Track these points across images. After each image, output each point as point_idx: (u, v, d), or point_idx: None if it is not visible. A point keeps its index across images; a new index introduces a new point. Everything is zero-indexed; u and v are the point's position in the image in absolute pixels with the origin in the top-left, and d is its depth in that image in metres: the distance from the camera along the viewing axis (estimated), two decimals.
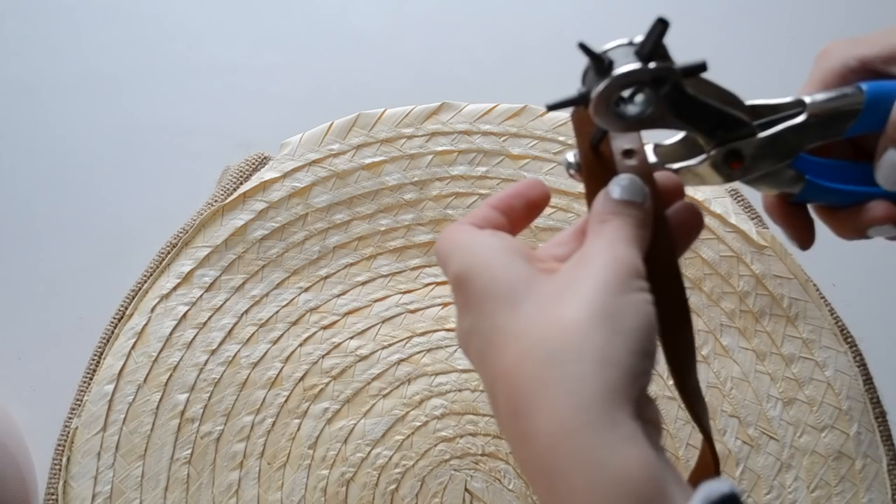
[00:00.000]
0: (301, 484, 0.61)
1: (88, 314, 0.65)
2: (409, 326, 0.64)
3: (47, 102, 0.85)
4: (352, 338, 0.64)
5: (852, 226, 0.51)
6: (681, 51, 0.83)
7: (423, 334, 0.64)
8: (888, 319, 0.82)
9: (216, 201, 0.65)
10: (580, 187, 0.64)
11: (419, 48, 0.89)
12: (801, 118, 0.43)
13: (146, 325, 0.63)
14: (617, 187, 0.41)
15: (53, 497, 0.59)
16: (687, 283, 0.64)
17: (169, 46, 0.88)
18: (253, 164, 0.66)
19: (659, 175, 0.43)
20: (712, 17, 0.89)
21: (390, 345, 0.64)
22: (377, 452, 0.62)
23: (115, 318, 0.63)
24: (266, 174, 0.65)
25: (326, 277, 0.65)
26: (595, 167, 0.42)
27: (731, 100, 0.43)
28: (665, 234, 0.44)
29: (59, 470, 0.60)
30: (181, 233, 0.64)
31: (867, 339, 0.61)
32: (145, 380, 0.62)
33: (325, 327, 0.64)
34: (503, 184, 0.66)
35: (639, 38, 0.39)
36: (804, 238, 0.53)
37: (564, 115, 0.68)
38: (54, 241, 0.78)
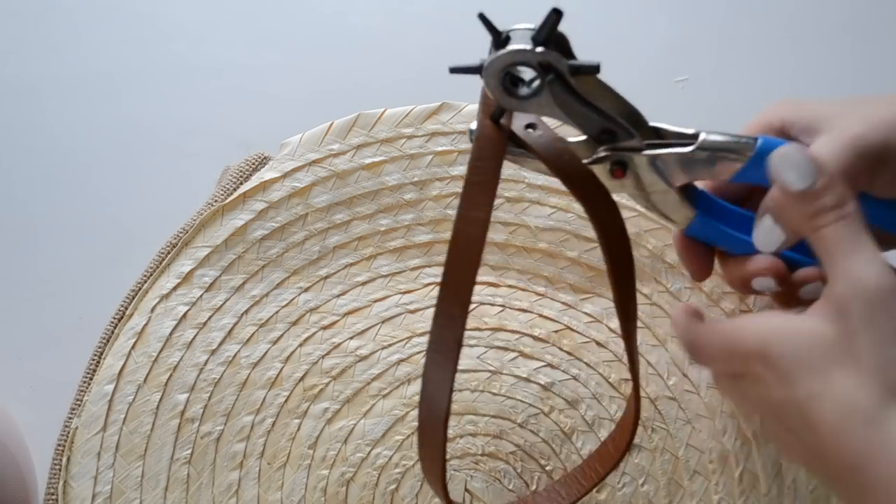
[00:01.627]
0: (301, 484, 0.63)
1: (88, 314, 0.66)
2: (409, 327, 0.66)
3: (46, 102, 0.87)
4: (352, 338, 0.66)
5: (739, 275, 0.53)
6: (681, 50, 0.86)
7: (423, 334, 0.65)
8: None
9: (216, 201, 0.67)
10: None
11: (419, 48, 0.90)
12: (688, 149, 0.45)
13: (146, 325, 0.64)
14: (791, 171, 0.43)
15: (53, 497, 0.61)
16: (686, 283, 0.66)
17: (168, 46, 0.90)
18: (253, 164, 0.68)
19: None
20: (712, 17, 0.91)
21: (390, 345, 0.65)
22: (377, 452, 0.63)
23: (114, 318, 0.65)
24: (266, 174, 0.67)
25: (326, 277, 0.67)
26: (490, 137, 0.47)
27: (629, 112, 0.46)
28: (605, 195, 0.48)
29: (59, 470, 0.61)
30: (181, 233, 0.66)
31: None
32: (145, 380, 0.63)
33: (325, 327, 0.66)
34: (503, 184, 0.68)
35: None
36: (697, 271, 0.55)
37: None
38: (54, 241, 0.80)
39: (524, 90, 0.44)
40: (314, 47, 0.90)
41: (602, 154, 0.48)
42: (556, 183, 0.68)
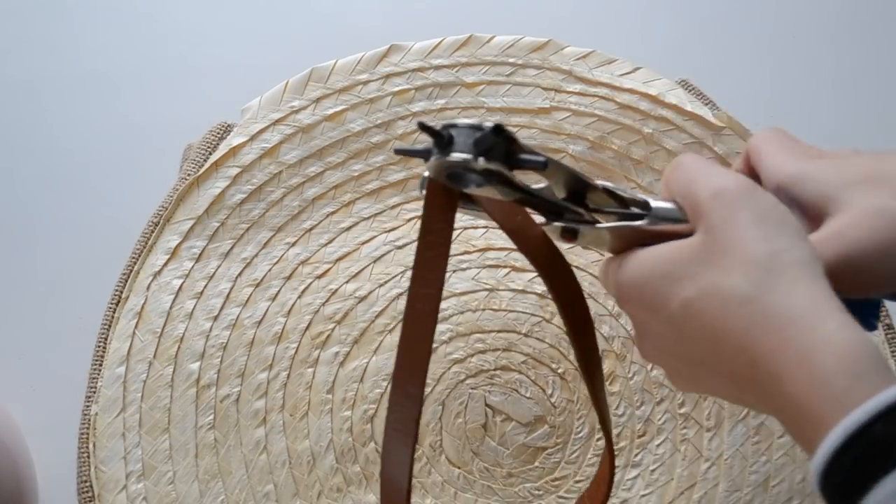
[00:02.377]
0: (327, 429, 0.64)
1: (88, 314, 0.67)
2: (401, 261, 0.68)
3: (46, 102, 0.87)
4: (347, 282, 0.67)
5: None
6: (681, 50, 0.89)
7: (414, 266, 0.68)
8: None
9: (189, 175, 0.68)
10: (538, 103, 0.69)
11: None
12: (641, 221, 0.47)
13: (144, 303, 0.65)
14: None
15: (87, 484, 0.62)
16: (656, 176, 0.70)
17: (169, 46, 0.90)
18: (218, 133, 0.70)
19: None
20: (712, 16, 0.94)
21: (386, 282, 0.67)
22: None
23: (112, 304, 0.65)
24: (234, 140, 0.69)
25: (311, 229, 0.68)
26: (440, 205, 0.47)
27: (580, 184, 0.47)
28: (560, 258, 0.50)
29: (87, 456, 0.62)
30: (161, 210, 0.67)
31: None
32: (154, 355, 0.64)
33: (318, 277, 0.67)
34: (464, 112, 0.70)
35: (488, 124, 0.43)
36: None
37: (511, 38, 0.72)
38: (54, 241, 0.80)
39: (470, 184, 0.44)
40: (314, 47, 0.91)
41: (552, 223, 0.49)
42: (514, 103, 0.71)
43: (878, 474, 0.34)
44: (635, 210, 0.47)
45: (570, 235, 0.49)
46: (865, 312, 0.46)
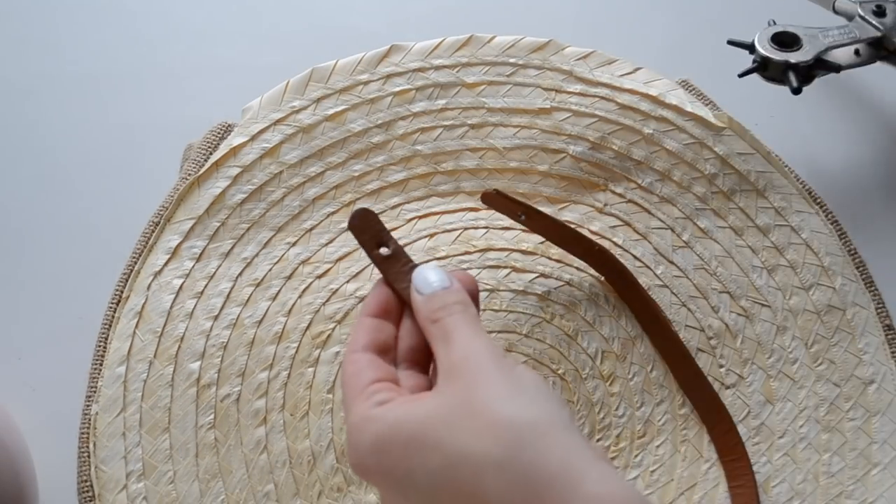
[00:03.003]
0: (327, 428, 0.65)
1: (88, 314, 0.67)
2: None
3: (46, 102, 0.87)
4: (348, 281, 0.68)
5: None
6: (681, 50, 0.89)
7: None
8: None
9: (190, 175, 0.69)
10: (539, 103, 0.70)
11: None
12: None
13: (144, 303, 0.66)
14: (424, 281, 0.49)
15: (87, 483, 0.62)
16: (657, 176, 0.70)
17: (169, 46, 0.91)
18: (218, 133, 0.70)
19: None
20: (712, 16, 0.94)
21: None
22: None
23: (112, 303, 0.66)
24: (234, 140, 0.69)
25: (311, 229, 0.69)
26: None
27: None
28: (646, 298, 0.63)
29: (88, 456, 0.62)
30: (161, 210, 0.68)
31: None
32: (155, 355, 0.65)
33: (319, 276, 0.68)
34: (464, 113, 0.71)
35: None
36: None
37: (511, 38, 0.73)
38: (54, 241, 0.80)
39: None
40: (314, 47, 0.91)
41: None
42: (515, 104, 0.71)
43: None
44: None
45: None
46: None
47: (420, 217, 0.70)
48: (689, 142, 0.70)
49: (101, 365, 0.64)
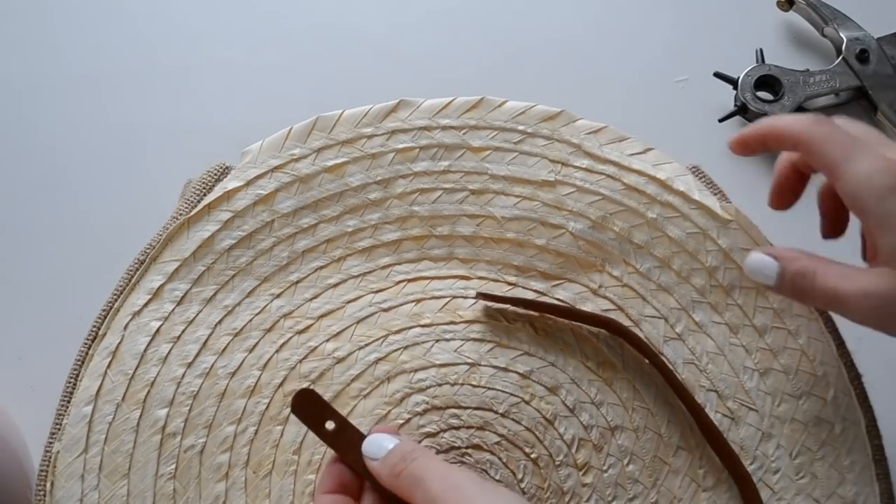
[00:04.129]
0: (288, 490, 0.64)
1: (88, 314, 0.67)
2: (384, 325, 0.68)
3: (46, 102, 0.88)
4: (327, 340, 0.67)
5: None
6: (681, 50, 0.88)
7: (398, 332, 0.67)
8: None
9: (181, 214, 0.68)
10: (543, 175, 0.69)
11: (420, 48, 0.92)
12: None
13: (120, 343, 0.65)
14: (375, 447, 0.53)
15: None
16: (656, 263, 0.69)
17: (169, 46, 0.91)
18: (215, 174, 0.70)
19: None
20: (712, 17, 0.93)
21: (367, 345, 0.67)
22: None
23: (87, 339, 0.66)
24: (229, 183, 0.69)
25: (297, 282, 0.68)
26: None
27: None
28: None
29: (44, 495, 0.62)
30: (148, 248, 0.67)
31: (867, 338, 0.65)
32: (123, 398, 0.64)
33: (299, 332, 0.67)
34: (466, 177, 0.70)
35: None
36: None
37: (522, 104, 0.72)
38: (54, 241, 0.81)
39: None
40: (314, 47, 0.91)
41: None
42: (519, 173, 0.70)
43: None
44: None
45: None
46: None
47: (410, 280, 0.69)
48: (693, 231, 0.69)
49: (68, 403, 0.64)
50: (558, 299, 0.68)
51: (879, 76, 0.84)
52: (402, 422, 0.65)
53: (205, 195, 0.69)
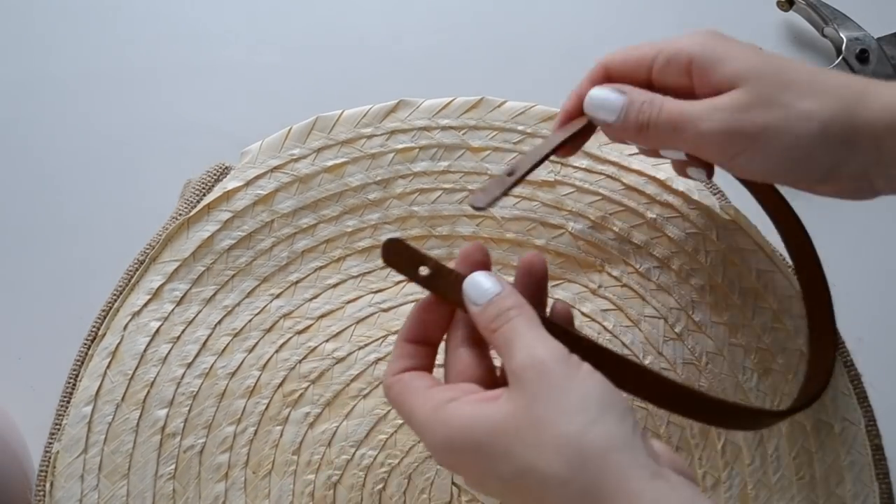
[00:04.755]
0: (288, 490, 0.64)
1: (88, 314, 0.67)
2: (384, 325, 0.68)
3: (46, 102, 0.88)
4: (327, 341, 0.67)
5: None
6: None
7: (398, 332, 0.67)
8: (888, 319, 0.85)
9: (180, 215, 0.68)
10: (542, 175, 0.69)
11: (420, 48, 0.92)
12: None
13: (119, 343, 0.66)
14: (476, 291, 0.50)
15: None
16: (655, 263, 0.69)
17: (169, 46, 0.91)
18: (215, 174, 0.70)
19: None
20: (712, 17, 0.93)
21: (366, 345, 0.67)
22: (362, 453, 0.65)
23: (87, 339, 0.66)
24: (229, 184, 0.69)
25: (297, 282, 0.68)
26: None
27: None
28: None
29: (43, 496, 0.63)
30: (148, 249, 0.68)
31: (868, 338, 0.65)
32: (123, 398, 0.65)
33: (299, 332, 0.67)
34: (465, 177, 0.70)
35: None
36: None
37: (522, 105, 0.72)
38: (54, 241, 0.81)
39: None
40: (314, 47, 0.91)
41: None
42: None
43: None
44: None
45: None
46: None
47: (409, 281, 0.69)
48: (693, 231, 0.69)
49: (68, 403, 0.64)
50: (557, 299, 0.68)
51: (879, 76, 0.84)
52: (401, 422, 0.65)
53: (204, 195, 0.69)
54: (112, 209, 0.84)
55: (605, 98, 0.57)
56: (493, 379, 0.51)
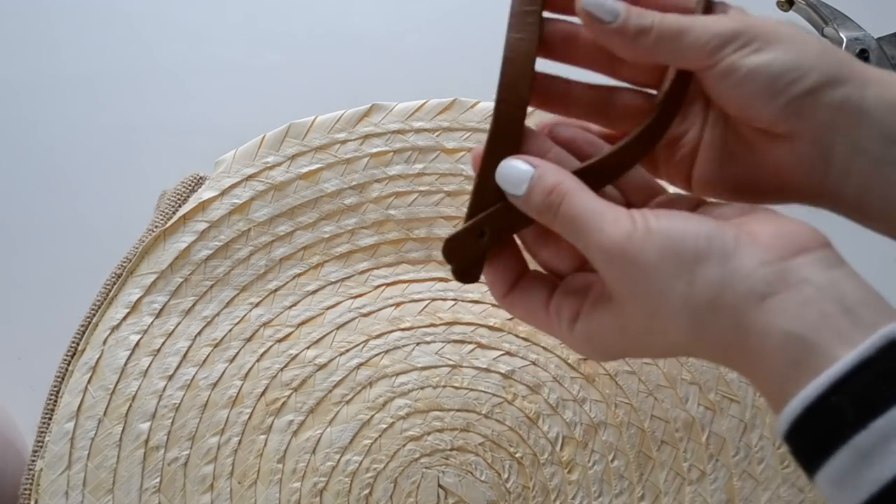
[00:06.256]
0: (274, 499, 0.65)
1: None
2: (364, 330, 0.68)
3: (47, 102, 0.88)
4: (308, 347, 0.68)
5: None
6: None
7: (378, 336, 0.68)
8: None
9: (156, 227, 0.68)
10: None
11: (420, 48, 0.93)
12: None
13: (99, 358, 0.66)
14: (510, 181, 0.46)
15: None
16: None
17: (169, 46, 0.91)
18: (189, 185, 0.70)
19: None
20: None
21: (347, 350, 0.68)
22: (347, 459, 0.65)
23: (67, 355, 0.66)
24: (204, 194, 0.69)
25: (276, 290, 0.69)
26: None
27: None
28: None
29: None
30: (124, 262, 0.68)
31: None
32: (105, 413, 0.65)
33: (280, 340, 0.68)
34: (441, 179, 0.70)
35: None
36: None
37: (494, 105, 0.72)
38: (54, 242, 0.81)
39: None
40: (314, 47, 0.92)
41: None
42: None
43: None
44: None
45: None
46: None
47: (388, 284, 0.69)
48: None
49: (49, 420, 0.64)
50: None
51: None
52: (385, 426, 0.66)
53: (180, 206, 0.69)
54: (112, 209, 0.84)
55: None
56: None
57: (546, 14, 0.50)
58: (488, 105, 0.72)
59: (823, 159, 0.48)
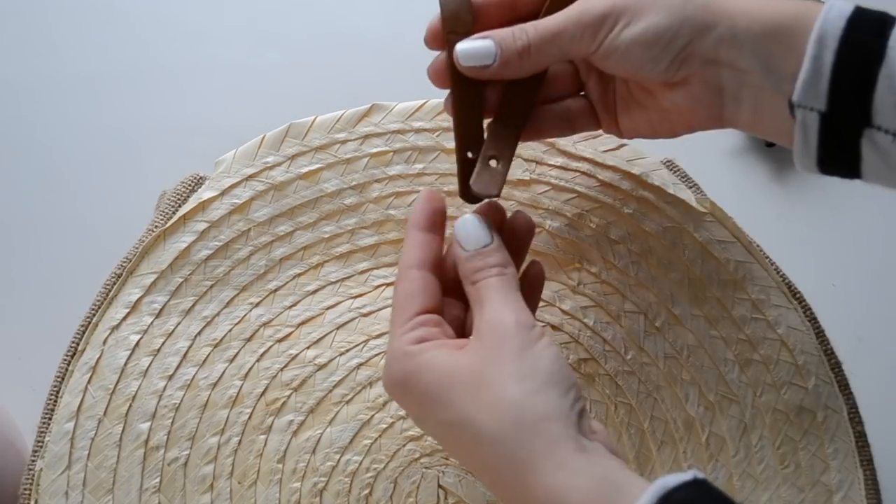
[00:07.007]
0: (274, 499, 0.65)
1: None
2: (364, 330, 0.68)
3: (47, 102, 0.88)
4: (308, 347, 0.68)
5: None
6: None
7: (378, 336, 0.68)
8: (887, 319, 0.86)
9: (157, 227, 0.69)
10: (518, 174, 0.69)
11: (420, 48, 0.92)
12: None
13: (99, 358, 0.66)
14: (466, 236, 0.54)
15: None
16: (633, 258, 0.69)
17: (168, 46, 0.92)
18: (189, 185, 0.70)
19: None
20: None
21: (347, 350, 0.68)
22: (347, 459, 0.66)
23: (67, 355, 0.66)
24: (204, 194, 0.69)
25: (276, 290, 0.69)
26: None
27: None
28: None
29: None
30: (124, 262, 0.68)
31: (867, 338, 0.66)
32: (105, 413, 0.65)
33: (280, 340, 0.68)
34: (441, 179, 0.71)
35: None
36: None
37: None
38: (54, 242, 0.81)
39: None
40: (315, 47, 0.92)
41: None
42: None
43: None
44: None
45: None
46: None
47: (388, 284, 0.70)
48: (669, 225, 0.70)
49: (50, 420, 0.65)
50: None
51: None
52: (385, 426, 0.66)
53: (180, 206, 0.69)
54: (112, 210, 0.84)
55: (472, 47, 0.55)
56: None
57: None
58: None
59: (716, 94, 0.54)
